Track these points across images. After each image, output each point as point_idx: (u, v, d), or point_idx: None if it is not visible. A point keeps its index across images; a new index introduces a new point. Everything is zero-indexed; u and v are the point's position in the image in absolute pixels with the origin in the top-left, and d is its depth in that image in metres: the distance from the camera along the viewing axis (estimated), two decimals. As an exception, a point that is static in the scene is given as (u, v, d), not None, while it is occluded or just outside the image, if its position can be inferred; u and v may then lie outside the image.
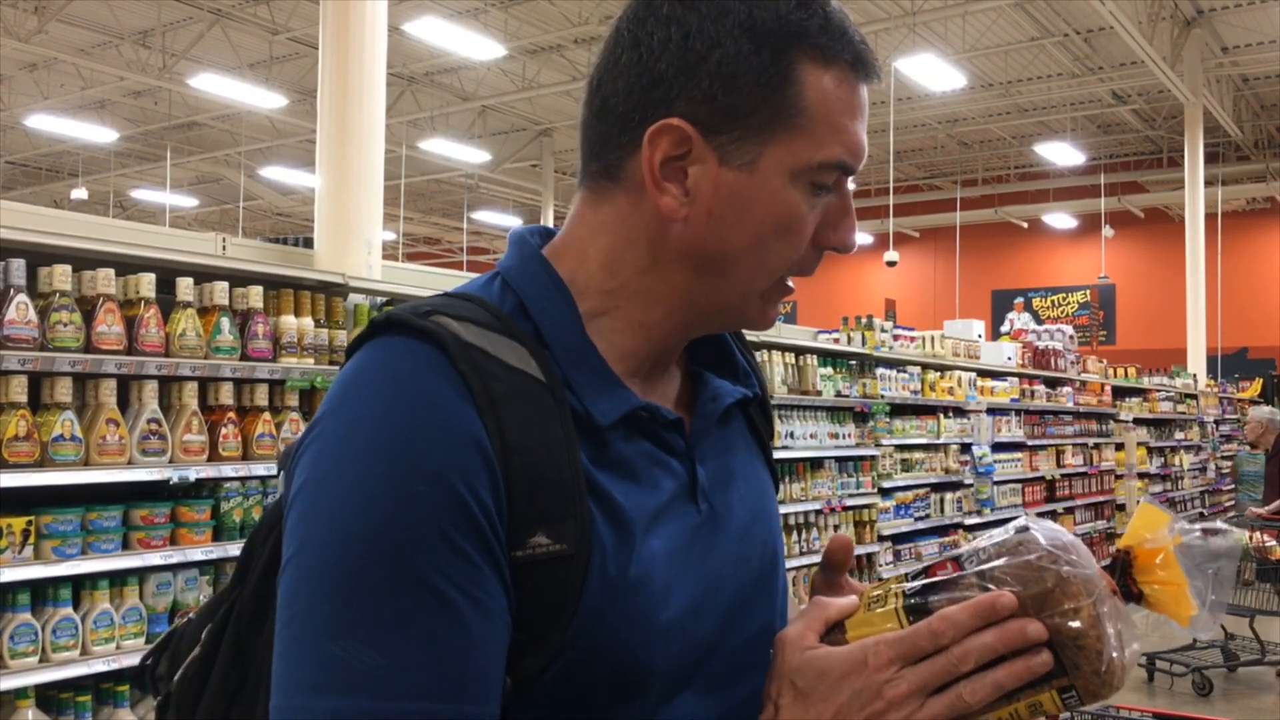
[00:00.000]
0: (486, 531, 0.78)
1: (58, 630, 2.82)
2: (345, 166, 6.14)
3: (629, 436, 0.89)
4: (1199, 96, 15.68)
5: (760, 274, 0.90)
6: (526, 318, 0.89)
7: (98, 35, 15.69)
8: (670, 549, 0.88)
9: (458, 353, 0.81)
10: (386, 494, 0.76)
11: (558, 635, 0.81)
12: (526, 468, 0.80)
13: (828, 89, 0.88)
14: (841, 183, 0.91)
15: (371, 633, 0.74)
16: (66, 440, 2.84)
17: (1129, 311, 22.56)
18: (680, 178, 0.88)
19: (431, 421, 0.78)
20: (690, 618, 0.88)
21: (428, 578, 0.75)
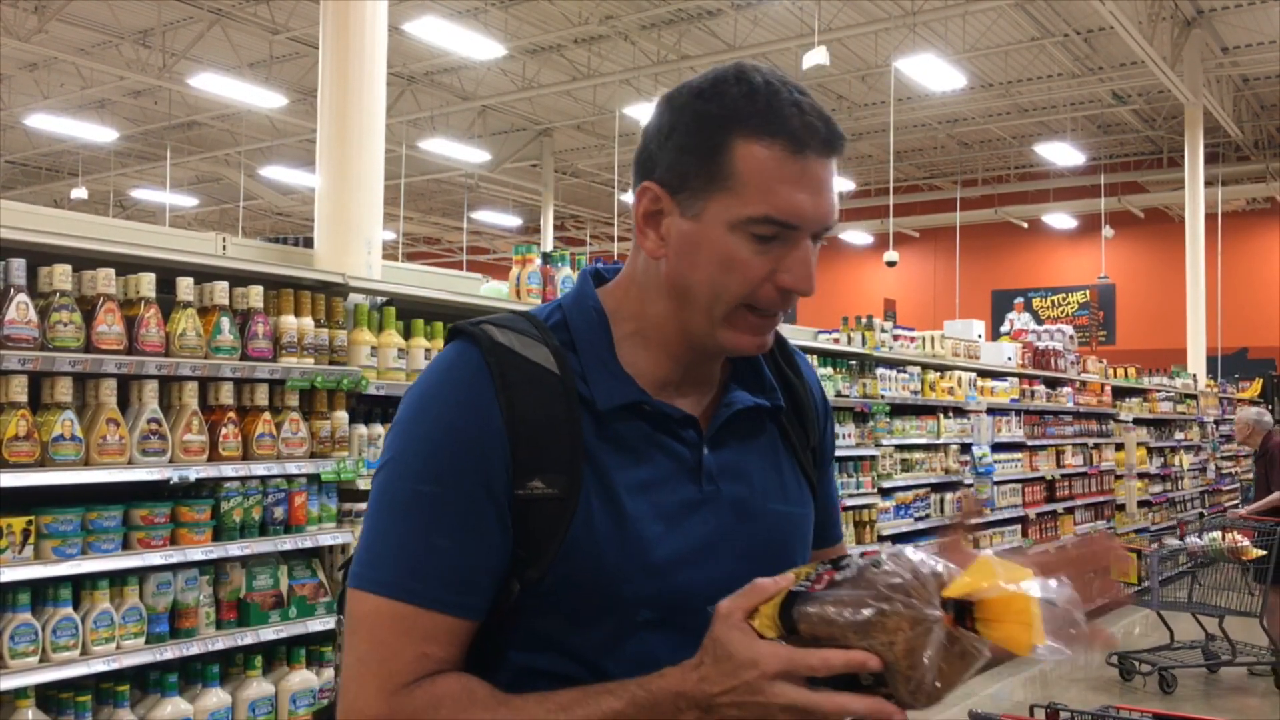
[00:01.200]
0: (491, 477, 1.14)
1: (58, 630, 2.82)
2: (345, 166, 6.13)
3: (632, 422, 1.20)
4: (1199, 96, 15.67)
5: (716, 303, 1.17)
6: (568, 332, 1.22)
7: (98, 35, 15.69)
8: (659, 511, 1.18)
9: (488, 349, 1.17)
10: (429, 450, 1.15)
11: (549, 556, 1.14)
12: (529, 430, 1.15)
13: (758, 159, 1.13)
14: (796, 236, 1.15)
15: (410, 536, 1.14)
16: (67, 440, 2.84)
17: (1129, 312, 22.55)
18: (658, 226, 1.20)
19: (463, 401, 1.16)
20: (672, 569, 1.17)
21: (442, 508, 1.14)
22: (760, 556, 1.22)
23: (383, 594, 1.13)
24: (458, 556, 1.13)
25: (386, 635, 1.12)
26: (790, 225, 1.14)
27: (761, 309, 1.18)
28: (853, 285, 25.16)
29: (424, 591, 1.12)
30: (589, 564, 1.14)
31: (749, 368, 1.32)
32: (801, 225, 1.15)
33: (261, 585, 3.34)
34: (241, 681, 3.26)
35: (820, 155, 1.15)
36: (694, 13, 14.81)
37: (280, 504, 3.40)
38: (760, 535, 1.25)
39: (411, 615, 1.12)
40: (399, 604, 1.12)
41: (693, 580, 1.18)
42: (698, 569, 1.19)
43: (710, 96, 1.16)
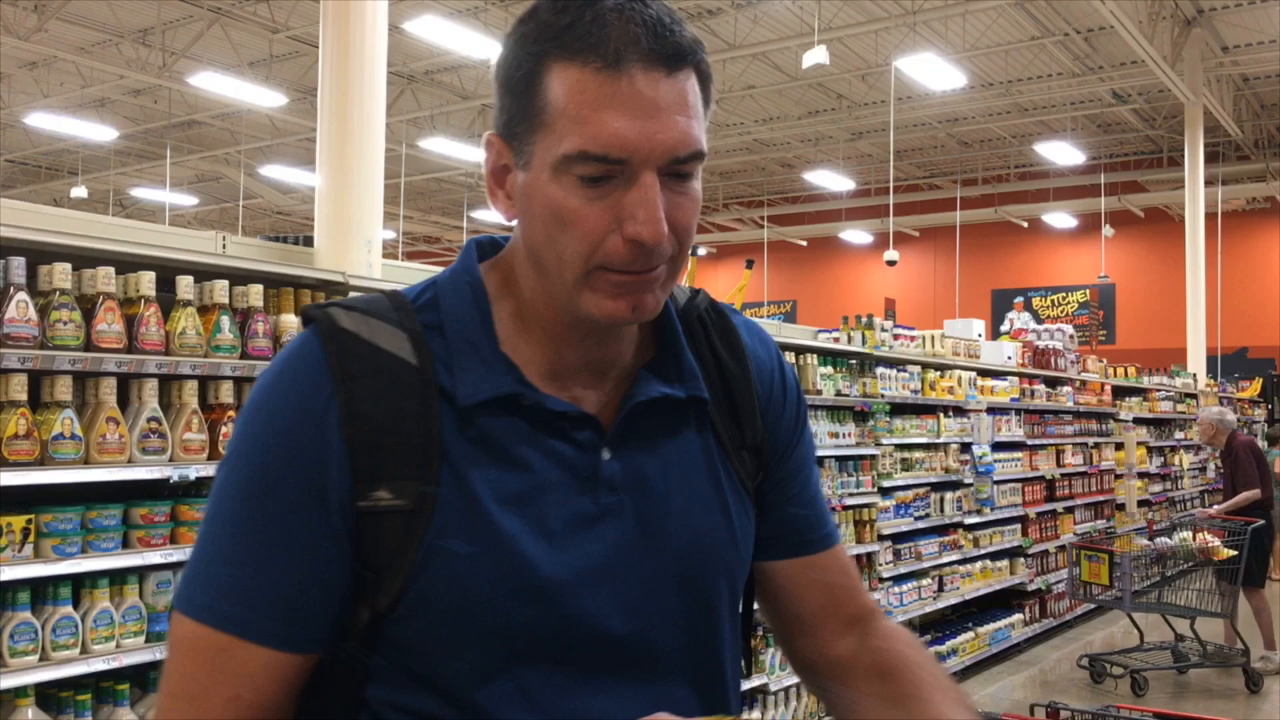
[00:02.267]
0: (323, 486, 0.96)
1: (57, 629, 2.81)
2: (345, 165, 6.13)
3: (505, 418, 1.00)
4: (1199, 96, 15.67)
5: (562, 265, 0.97)
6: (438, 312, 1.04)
7: (98, 33, 15.68)
8: (541, 526, 0.99)
9: (326, 336, 0.99)
10: (254, 455, 0.99)
11: (400, 579, 0.96)
12: (371, 433, 0.97)
13: (570, 84, 0.93)
14: (633, 173, 0.94)
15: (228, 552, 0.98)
16: (66, 439, 2.84)
17: (1129, 311, 22.55)
18: (505, 183, 1.03)
19: (293, 397, 0.98)
20: (553, 592, 0.98)
21: (272, 518, 0.97)
22: (674, 581, 1.05)
23: (196, 618, 0.96)
24: (284, 578, 0.96)
25: (197, 670, 0.96)
26: (614, 159, 0.93)
27: (616, 268, 0.96)
28: (853, 284, 25.17)
29: (237, 618, 0.96)
30: (448, 588, 0.96)
31: (671, 352, 1.10)
32: (629, 158, 0.93)
33: (261, 584, 3.34)
34: (241, 680, 3.25)
35: (646, 68, 0.93)
36: (694, 11, 14.80)
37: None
38: (675, 556, 1.05)
39: (227, 646, 0.96)
40: (212, 632, 0.96)
41: (585, 608, 0.99)
42: (592, 595, 1.00)
43: (526, 17, 0.98)
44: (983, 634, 7.57)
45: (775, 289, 26.00)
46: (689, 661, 1.07)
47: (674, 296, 1.14)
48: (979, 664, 7.50)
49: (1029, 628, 8.40)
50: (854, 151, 21.41)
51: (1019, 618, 8.22)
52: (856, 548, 6.08)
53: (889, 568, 6.48)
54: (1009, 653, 8.02)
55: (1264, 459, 8.55)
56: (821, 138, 20.74)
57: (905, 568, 6.67)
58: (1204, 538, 7.34)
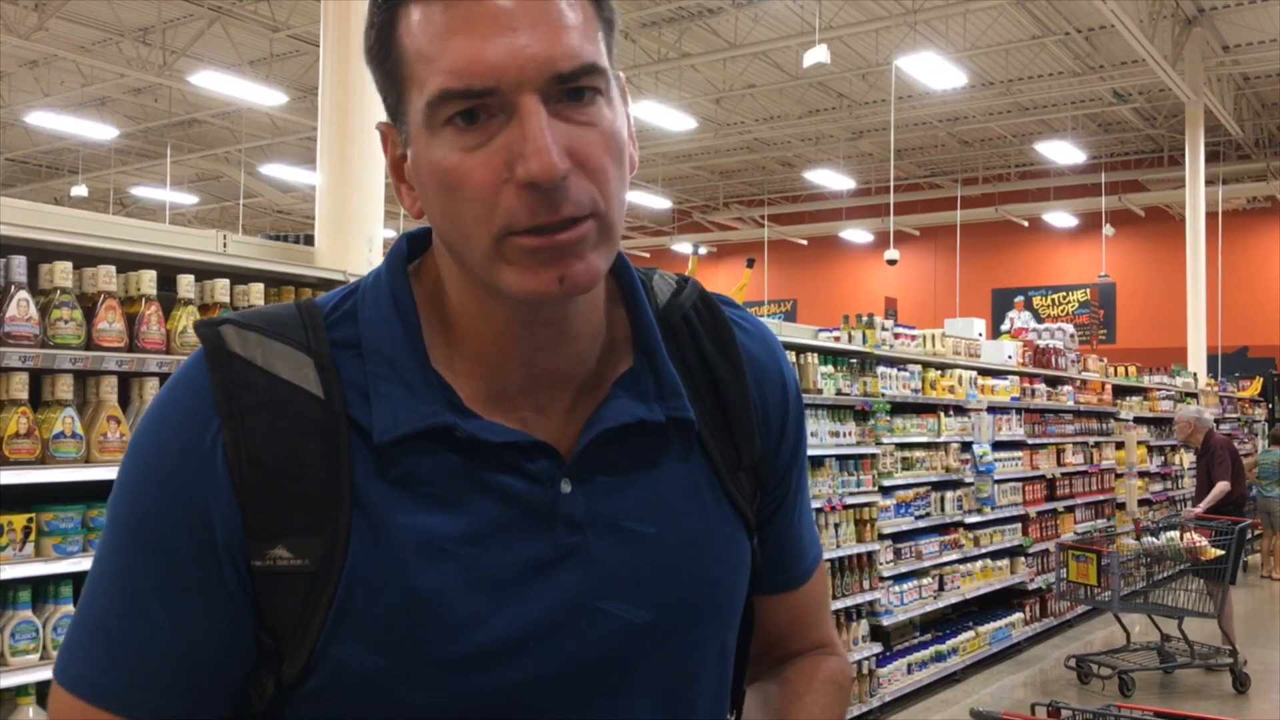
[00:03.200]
0: (212, 540, 0.82)
1: (59, 628, 2.81)
2: (346, 164, 6.13)
3: (433, 454, 0.84)
4: (1200, 95, 15.67)
5: (466, 240, 0.81)
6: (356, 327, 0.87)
7: (98, 32, 15.68)
8: (479, 580, 0.82)
9: (214, 363, 0.83)
10: (137, 500, 0.84)
11: (307, 647, 0.82)
12: (266, 480, 0.81)
13: (414, 22, 0.80)
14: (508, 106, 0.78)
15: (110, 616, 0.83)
16: (67, 437, 2.84)
17: (1129, 310, 22.55)
18: (405, 174, 0.87)
19: (175, 434, 0.83)
20: (492, 658, 0.82)
21: (142, 582, 0.83)
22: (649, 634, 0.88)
23: (74, 691, 0.83)
24: (170, 648, 0.82)
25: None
26: (480, 90, 0.77)
27: (524, 227, 0.79)
28: (853, 283, 25.18)
29: (121, 695, 0.82)
30: (363, 660, 0.81)
31: (649, 361, 0.92)
32: (498, 84, 0.77)
33: (262, 583, 3.34)
34: (242, 679, 3.26)
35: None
36: (695, 10, 14.80)
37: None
38: (651, 604, 0.88)
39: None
40: (88, 708, 0.82)
41: (537, 671, 0.84)
42: (546, 657, 0.84)
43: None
44: (983, 633, 7.57)
45: (775, 288, 26.00)
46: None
47: (654, 292, 0.98)
48: (979, 663, 7.50)
49: (1029, 627, 8.40)
50: (854, 150, 21.41)
51: (1019, 617, 8.22)
52: (857, 547, 6.08)
53: (889, 567, 6.48)
54: (1009, 652, 8.03)
55: (1239, 457, 8.72)
56: (822, 137, 20.74)
57: (906, 567, 6.67)
58: (1191, 538, 7.34)
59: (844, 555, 5.97)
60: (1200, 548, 7.23)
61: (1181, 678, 7.50)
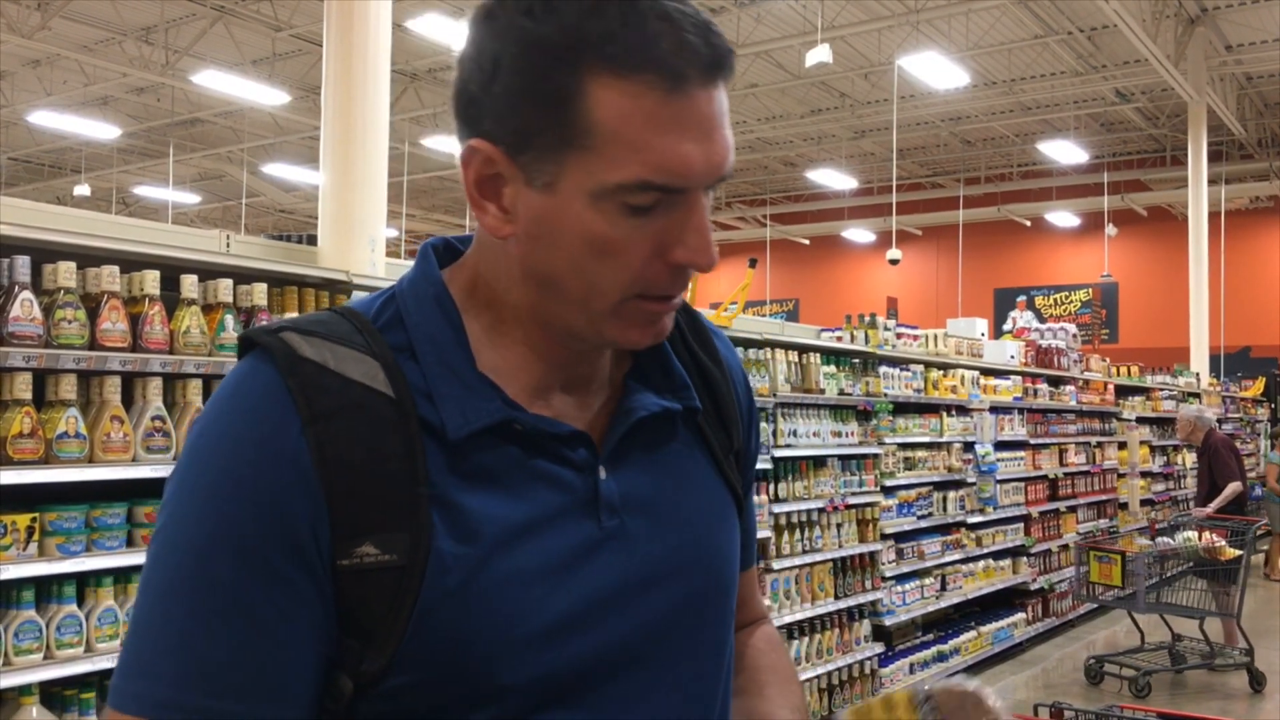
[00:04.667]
0: (298, 544, 0.83)
1: (62, 627, 2.82)
2: (349, 163, 6.14)
3: (498, 447, 0.89)
4: (1203, 95, 15.65)
5: (593, 297, 0.88)
6: (405, 331, 0.91)
7: (101, 31, 15.69)
8: (544, 563, 0.88)
9: (286, 369, 0.85)
10: (209, 509, 0.83)
11: (393, 642, 0.84)
12: (350, 480, 0.84)
13: (621, 105, 0.82)
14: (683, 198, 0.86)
15: (189, 630, 0.82)
16: (71, 437, 2.84)
17: (1132, 310, 22.54)
18: (498, 196, 0.89)
19: (252, 440, 0.84)
20: (563, 635, 0.88)
21: (233, 590, 0.82)
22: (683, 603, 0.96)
23: (155, 716, 0.80)
24: (260, 657, 0.82)
25: None
26: (676, 189, 0.85)
27: (656, 295, 0.89)
28: (855, 283, 25.16)
29: (212, 710, 0.81)
30: (451, 647, 0.84)
31: (654, 358, 1.01)
32: (690, 184, 0.85)
33: (265, 583, 3.34)
34: (245, 679, 3.26)
35: (704, 84, 0.84)
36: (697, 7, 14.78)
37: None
38: (681, 577, 0.97)
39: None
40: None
41: (599, 642, 0.90)
42: (595, 632, 0.90)
43: (543, 15, 0.83)
44: (985, 633, 7.57)
45: (778, 288, 25.99)
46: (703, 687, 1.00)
47: None
48: (982, 663, 7.50)
49: (1031, 627, 8.40)
50: (857, 150, 21.40)
51: (1021, 617, 8.22)
52: (859, 547, 6.08)
53: (891, 567, 6.48)
54: (1011, 652, 8.02)
55: (1240, 455, 8.76)
56: (824, 136, 20.73)
57: (908, 567, 6.66)
58: (1210, 538, 7.33)
59: (846, 555, 5.97)
60: (1219, 548, 7.22)
61: (1192, 677, 7.50)
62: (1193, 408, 9.27)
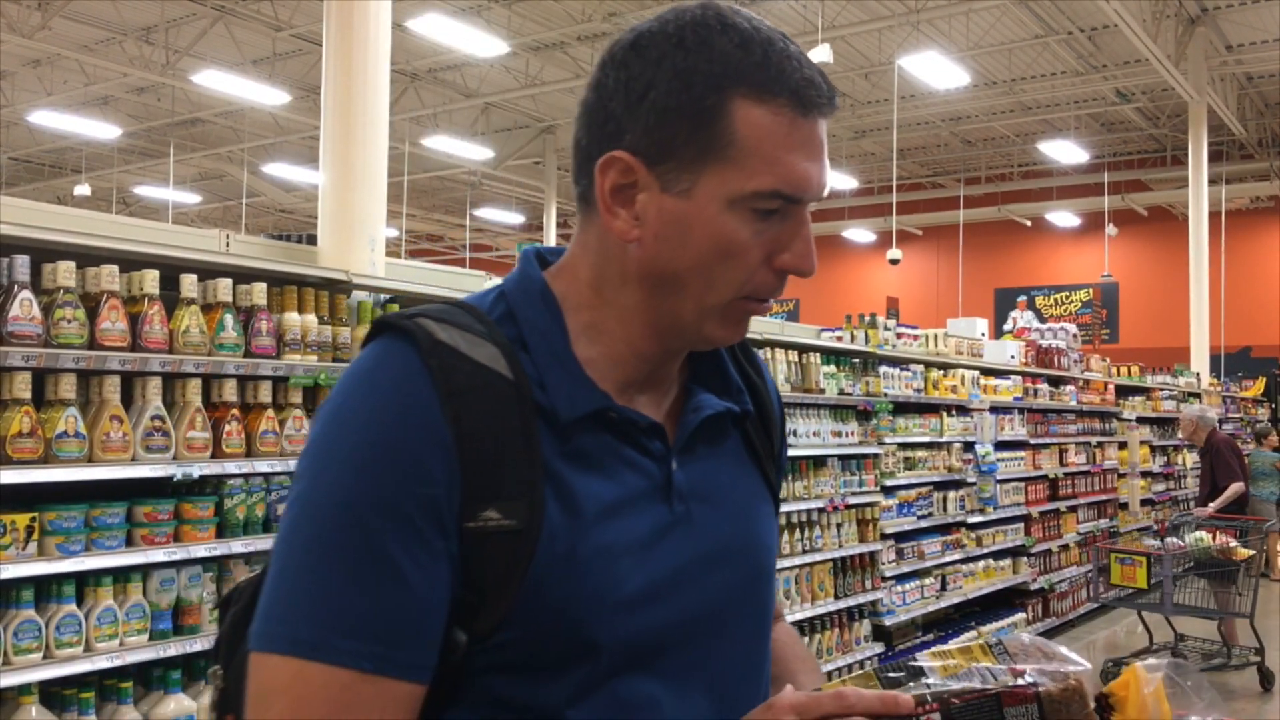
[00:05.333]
0: (435, 503, 0.93)
1: (61, 627, 2.82)
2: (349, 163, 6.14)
3: (596, 433, 1.01)
4: (1203, 95, 15.65)
5: (709, 293, 1.01)
6: (515, 325, 1.03)
7: (101, 31, 15.69)
8: (630, 539, 1.00)
9: (428, 350, 0.96)
10: (355, 471, 0.92)
11: (505, 600, 0.94)
12: (480, 450, 0.94)
13: (761, 123, 0.98)
14: (796, 210, 1.01)
15: (337, 580, 0.91)
16: (70, 437, 2.84)
17: (1132, 310, 22.53)
18: (630, 203, 1.01)
19: (396, 410, 0.94)
20: (644, 604, 0.99)
21: (377, 542, 0.91)
22: (739, 587, 1.09)
23: (306, 657, 0.89)
24: (402, 603, 0.91)
25: (319, 713, 0.89)
26: (796, 198, 1.00)
27: (760, 297, 1.03)
28: (856, 283, 25.15)
29: (365, 651, 0.90)
30: (555, 607, 0.95)
31: (710, 366, 1.14)
32: (806, 197, 1.01)
33: (265, 582, 3.34)
34: (245, 678, 3.26)
35: (822, 114, 1.01)
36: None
37: (284, 501, 3.40)
38: (736, 563, 1.09)
39: (351, 684, 0.89)
40: (331, 669, 0.89)
41: (663, 616, 1.01)
42: (668, 604, 1.01)
43: (695, 49, 0.98)
44: (985, 633, 7.53)
45: (778, 287, 25.96)
46: (757, 659, 1.12)
47: None
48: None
49: (1031, 627, 8.39)
50: (857, 150, 21.40)
51: (1022, 617, 8.22)
52: (859, 546, 6.07)
53: (891, 567, 6.48)
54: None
55: (1242, 455, 8.77)
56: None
57: (908, 567, 6.66)
58: (1223, 539, 7.32)
59: (846, 555, 5.96)
60: (1233, 548, 7.21)
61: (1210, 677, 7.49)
62: (1195, 407, 9.31)
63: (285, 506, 0.97)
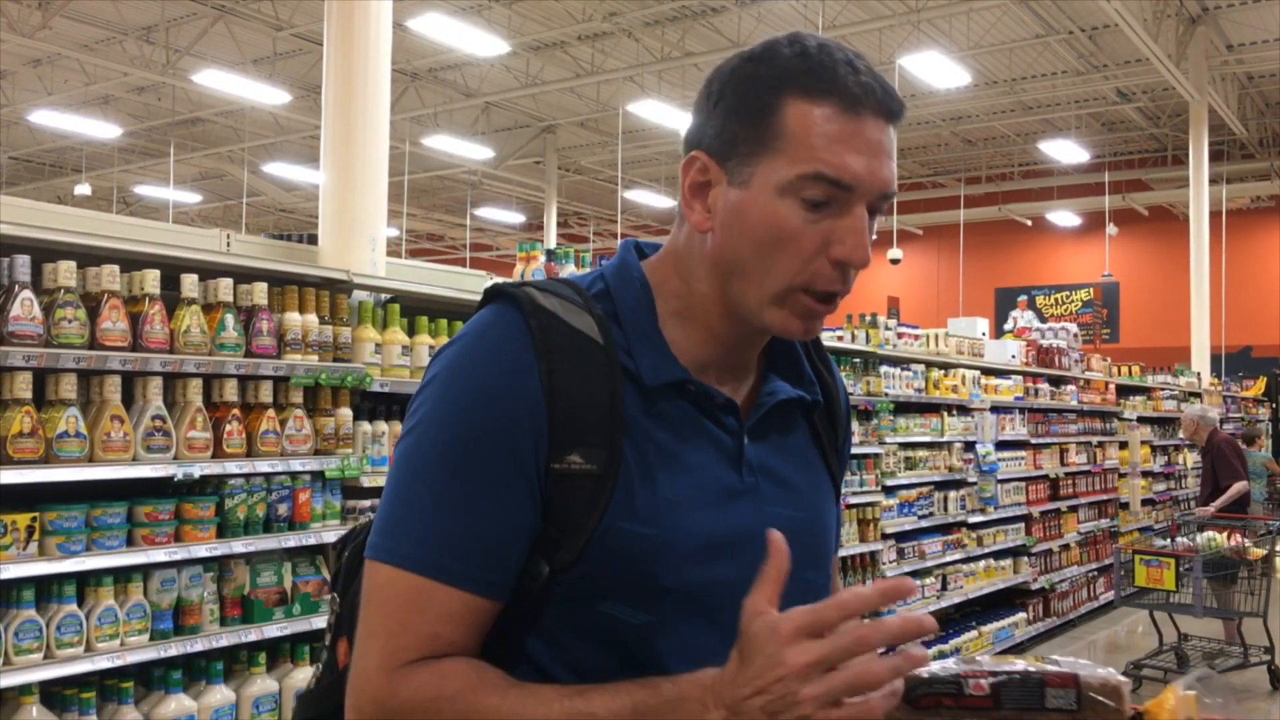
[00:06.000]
0: (528, 446, 1.07)
1: (62, 627, 2.82)
2: (349, 163, 6.13)
3: (675, 400, 1.13)
4: (1204, 94, 15.64)
5: (767, 279, 1.10)
6: (611, 302, 1.16)
7: (102, 31, 15.69)
8: (699, 498, 1.11)
9: (530, 311, 1.10)
10: (460, 413, 1.08)
11: (583, 536, 1.07)
12: (568, 401, 1.08)
13: (810, 117, 1.07)
14: (849, 203, 1.08)
15: (431, 505, 1.07)
16: (71, 437, 2.84)
17: (1133, 309, 22.52)
18: (705, 198, 1.13)
19: (499, 364, 1.09)
20: (708, 559, 1.10)
21: (470, 476, 1.07)
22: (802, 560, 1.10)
23: (398, 565, 1.06)
24: (482, 529, 1.06)
25: (398, 609, 1.06)
26: (843, 185, 1.07)
27: (819, 291, 1.10)
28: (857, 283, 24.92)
29: (442, 564, 1.06)
30: (626, 547, 1.07)
31: (787, 358, 1.26)
32: (855, 186, 1.07)
33: (265, 582, 3.34)
34: (246, 678, 3.26)
35: (876, 116, 1.09)
36: (698, 9, 14.79)
37: (284, 501, 3.40)
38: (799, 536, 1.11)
39: (427, 590, 1.05)
40: (414, 576, 1.05)
41: (727, 572, 1.09)
42: (734, 561, 1.10)
43: (760, 59, 1.11)
44: (986, 633, 7.56)
45: (778, 287, 25.96)
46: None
47: None
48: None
49: (1032, 626, 8.39)
50: (858, 149, 21.35)
51: (1022, 616, 8.21)
52: (860, 546, 6.07)
53: (892, 566, 6.48)
54: (1012, 651, 8.02)
55: (1243, 455, 8.77)
56: (825, 136, 20.68)
57: (908, 566, 6.66)
58: (1237, 539, 7.30)
59: (847, 555, 5.96)
60: (1246, 548, 7.19)
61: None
62: (1197, 407, 9.33)
63: (400, 436, 1.12)
